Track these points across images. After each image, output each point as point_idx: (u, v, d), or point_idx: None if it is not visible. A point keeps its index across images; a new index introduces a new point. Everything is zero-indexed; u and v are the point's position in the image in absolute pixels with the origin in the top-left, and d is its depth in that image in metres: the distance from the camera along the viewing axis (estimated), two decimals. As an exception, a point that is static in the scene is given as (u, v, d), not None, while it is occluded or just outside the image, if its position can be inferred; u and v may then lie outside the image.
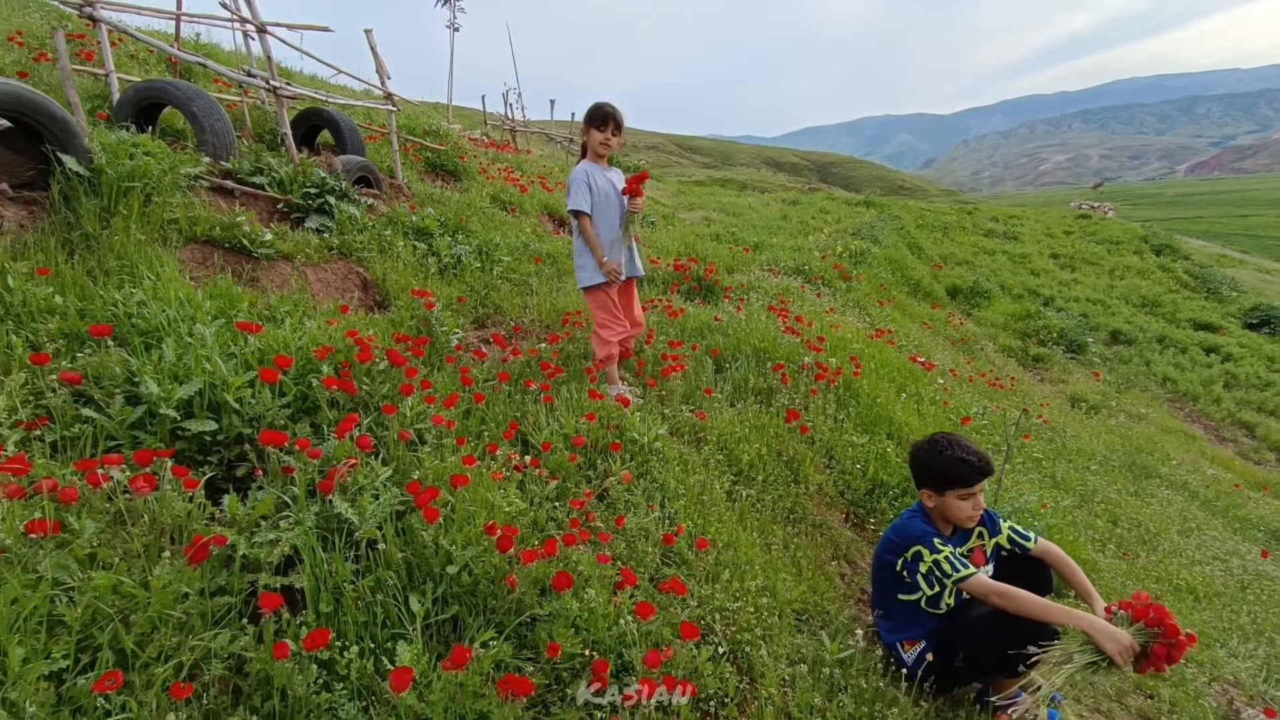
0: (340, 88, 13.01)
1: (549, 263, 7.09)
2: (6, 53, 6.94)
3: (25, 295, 3.09)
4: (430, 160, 9.13)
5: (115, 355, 2.84)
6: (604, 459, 3.45)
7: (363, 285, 5.05)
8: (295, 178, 5.66)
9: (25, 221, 3.65)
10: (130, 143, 4.08)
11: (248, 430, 2.88)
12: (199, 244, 4.33)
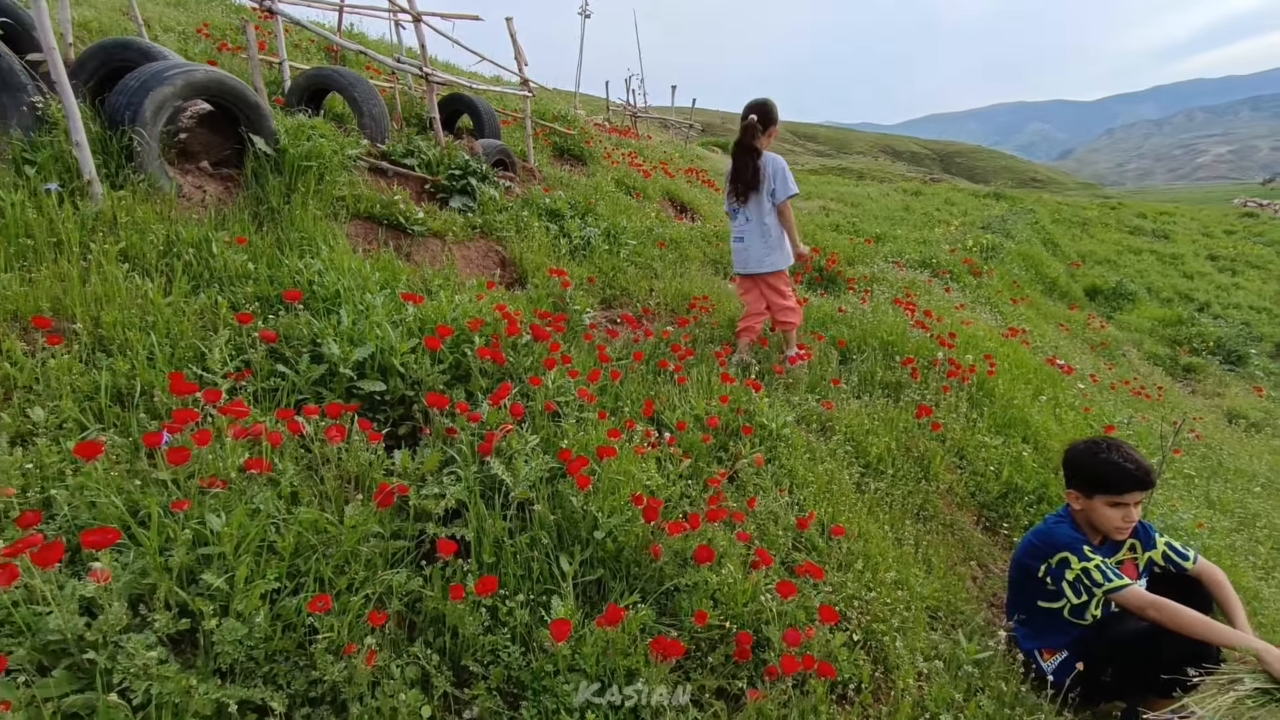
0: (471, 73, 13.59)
1: (672, 247, 7.18)
2: (195, 43, 7.69)
3: (226, 261, 3.46)
4: (558, 145, 9.41)
5: (302, 318, 3.15)
6: (734, 442, 3.51)
7: (501, 263, 5.31)
8: (442, 160, 5.99)
9: (223, 196, 4.08)
10: (309, 126, 4.46)
11: (409, 392, 3.13)
12: (362, 220, 4.70)
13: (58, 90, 3.32)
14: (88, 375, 2.64)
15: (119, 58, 4.52)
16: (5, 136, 3.38)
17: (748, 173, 4.37)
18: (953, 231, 13.16)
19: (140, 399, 2.61)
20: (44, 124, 3.48)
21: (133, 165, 3.60)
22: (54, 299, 2.86)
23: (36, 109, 3.48)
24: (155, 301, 3.05)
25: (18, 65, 3.46)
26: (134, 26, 7.29)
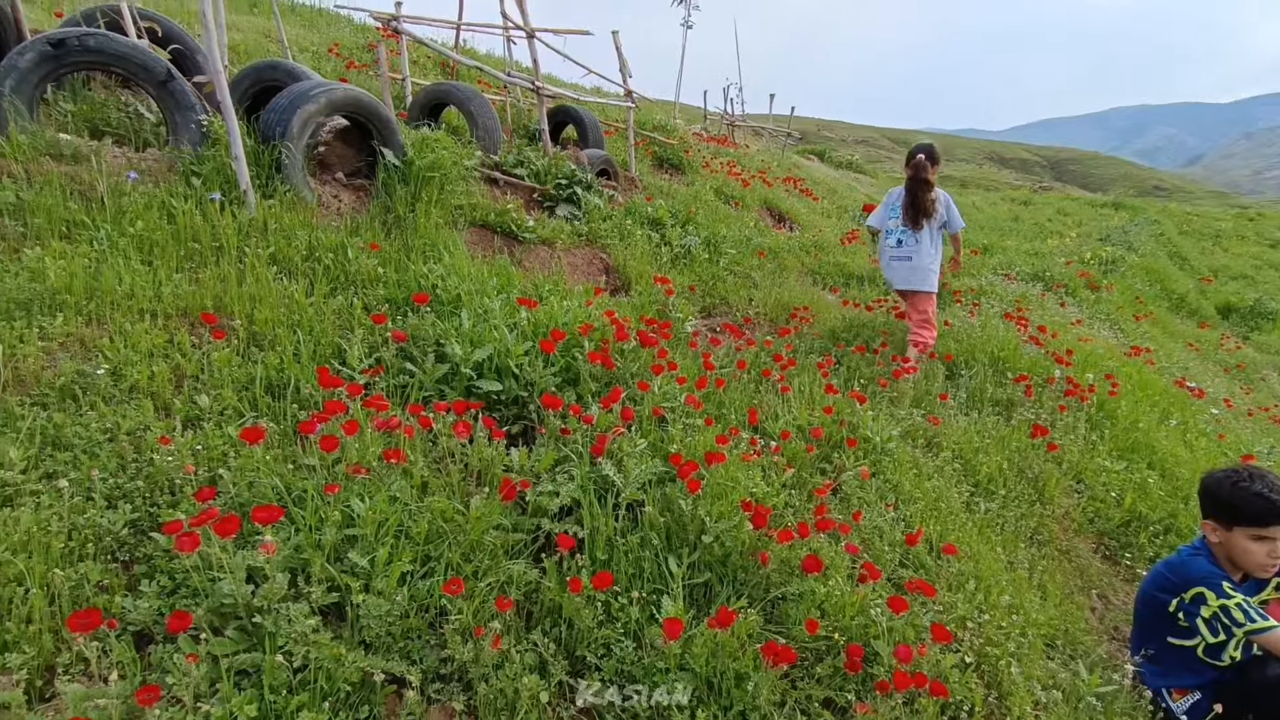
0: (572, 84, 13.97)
1: (771, 257, 7.15)
2: (327, 62, 8.28)
3: (360, 265, 3.73)
4: (658, 154, 9.54)
5: (428, 320, 3.36)
6: (838, 454, 3.48)
7: (605, 270, 5.45)
8: (550, 170, 6.21)
9: (356, 204, 4.39)
10: (433, 139, 4.74)
11: (523, 393, 3.28)
12: (477, 227, 4.94)
13: (221, 109, 3.67)
14: (245, 367, 2.92)
15: (268, 77, 4.95)
16: (177, 151, 3.77)
17: (923, 203, 4.91)
18: (1068, 243, 12.47)
19: (289, 390, 2.86)
20: (208, 139, 3.86)
21: (280, 176, 3.94)
22: (216, 298, 3.17)
23: (202, 126, 3.86)
24: (300, 302, 3.33)
25: (188, 87, 3.85)
26: (276, 48, 7.93)
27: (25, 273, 2.86)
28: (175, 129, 3.87)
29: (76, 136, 3.80)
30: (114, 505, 2.22)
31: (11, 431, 2.33)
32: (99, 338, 2.79)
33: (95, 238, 3.18)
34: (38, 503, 2.12)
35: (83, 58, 3.60)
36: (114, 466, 2.34)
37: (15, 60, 3.42)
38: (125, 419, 2.50)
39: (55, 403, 2.52)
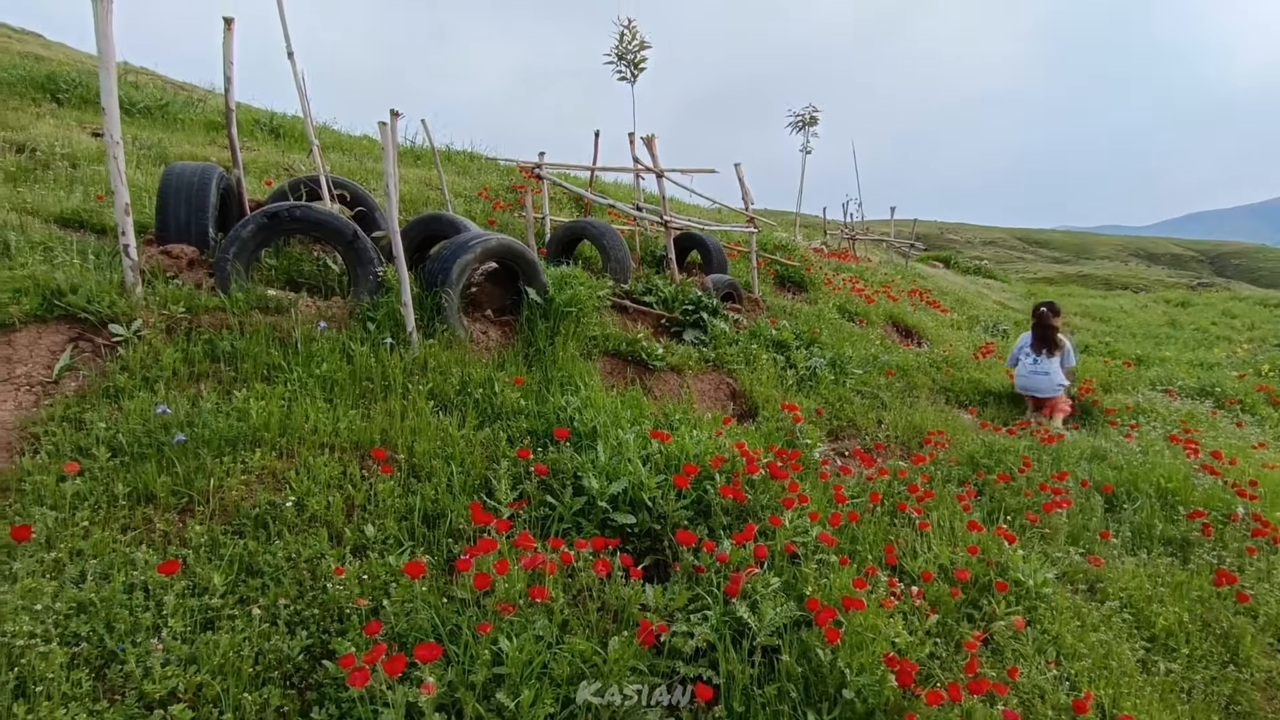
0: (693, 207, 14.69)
1: (899, 375, 7.01)
2: (476, 204, 9.24)
3: (505, 399, 4.03)
4: (780, 273, 9.76)
5: (566, 453, 3.56)
6: (987, 599, 3.27)
7: (732, 394, 5.55)
8: (676, 296, 6.52)
9: (501, 340, 4.80)
10: (571, 275, 5.14)
11: (656, 525, 3.35)
12: (610, 356, 5.23)
13: (395, 262, 4.21)
14: (405, 498, 3.19)
15: (433, 228, 5.61)
16: (357, 300, 4.32)
17: (1051, 343, 6.93)
18: (1240, 352, 11.35)
19: (444, 521, 3.09)
20: (382, 288, 4.40)
21: (440, 317, 4.39)
22: (383, 431, 3.52)
23: (379, 277, 4.41)
24: (453, 435, 3.63)
25: (369, 244, 4.44)
26: (436, 195, 8.97)
27: (234, 413, 3.32)
28: (356, 280, 4.44)
29: (278, 289, 4.45)
30: (293, 631, 2.45)
31: (216, 559, 2.66)
32: (288, 470, 3.16)
33: (289, 379, 3.66)
34: (233, 627, 2.38)
35: (290, 225, 4.27)
36: (294, 593, 2.60)
37: (239, 231, 4.11)
38: (305, 548, 2.79)
39: (250, 531, 2.85)
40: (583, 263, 7.16)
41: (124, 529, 2.74)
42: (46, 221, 5.14)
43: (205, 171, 4.72)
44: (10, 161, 6.28)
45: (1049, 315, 7.04)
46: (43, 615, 2.19)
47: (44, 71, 9.72)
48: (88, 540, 2.60)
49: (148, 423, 3.15)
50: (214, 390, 3.50)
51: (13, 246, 4.29)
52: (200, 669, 2.21)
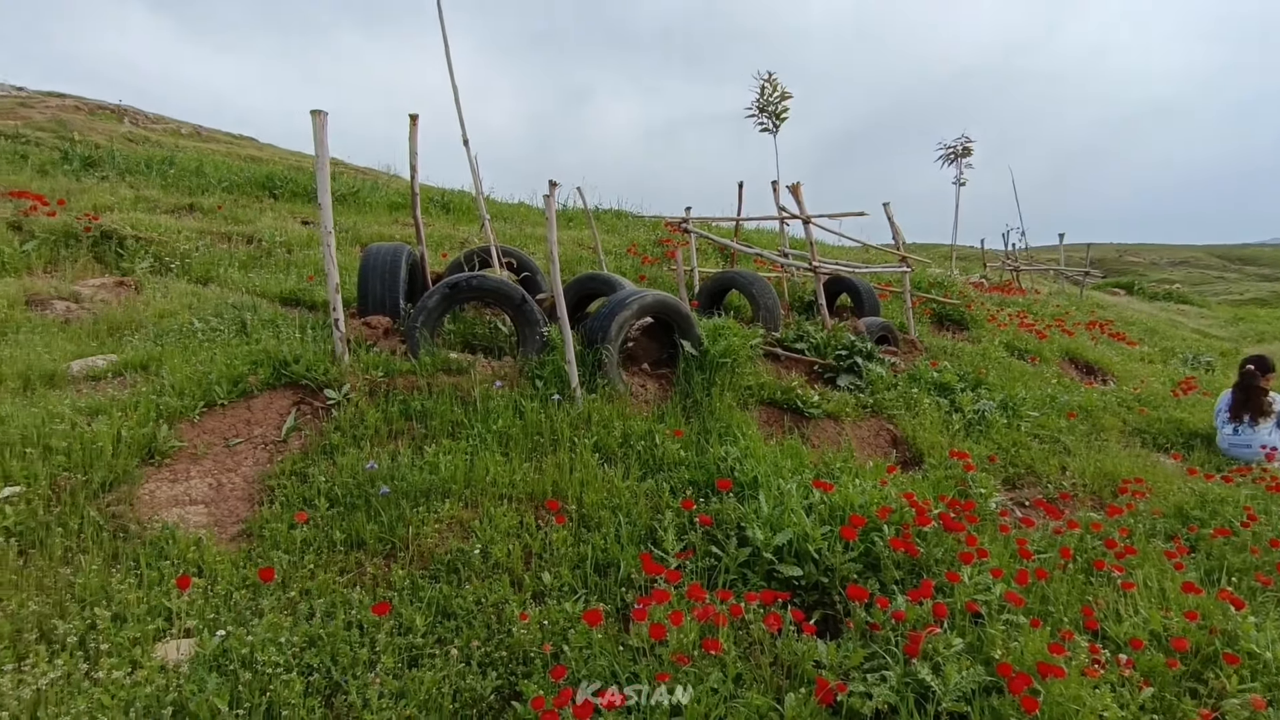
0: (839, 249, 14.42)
1: (1083, 417, 6.43)
2: (625, 259, 9.64)
3: (665, 450, 4.15)
4: (937, 312, 9.33)
5: (728, 503, 3.59)
6: (1212, 672, 2.88)
7: (893, 441, 5.35)
8: (829, 342, 6.42)
9: (659, 392, 4.95)
10: (723, 326, 5.24)
11: (823, 579, 3.29)
12: (765, 405, 5.23)
13: (559, 322, 4.50)
14: (576, 547, 3.35)
15: (588, 286, 5.95)
16: (525, 359, 4.66)
17: (1256, 408, 6.02)
18: None
19: (614, 571, 3.22)
20: (547, 347, 4.71)
21: (601, 373, 4.62)
22: (554, 483, 3.74)
23: (544, 337, 4.74)
24: (618, 486, 3.78)
25: (535, 307, 4.79)
26: (588, 254, 9.49)
27: (426, 466, 3.67)
28: (524, 340, 4.80)
29: (457, 352, 4.89)
30: (485, 672, 2.64)
31: (417, 601, 2.93)
32: (473, 519, 3.43)
33: (470, 434, 3.99)
34: (434, 665, 2.61)
35: (468, 294, 4.71)
36: (484, 635, 2.80)
37: (426, 301, 4.59)
38: (491, 593, 3.01)
39: (444, 576, 3.12)
40: (732, 312, 7.24)
41: (341, 571, 3.09)
42: (272, 301, 6.00)
43: (396, 250, 5.33)
44: (243, 251, 7.41)
45: (1255, 374, 6.14)
46: (284, 648, 2.52)
47: (263, 172, 11.41)
48: (314, 581, 2.96)
49: (357, 476, 3.55)
50: (408, 446, 3.89)
51: (248, 324, 5.05)
52: (409, 703, 2.43)
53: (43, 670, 2.31)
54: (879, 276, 10.09)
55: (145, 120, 16.92)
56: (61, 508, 3.11)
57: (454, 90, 5.75)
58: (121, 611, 2.66)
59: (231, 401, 4.07)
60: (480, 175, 6.02)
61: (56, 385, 4.12)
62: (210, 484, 3.58)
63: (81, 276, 6.25)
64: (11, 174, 9.07)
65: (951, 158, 13.41)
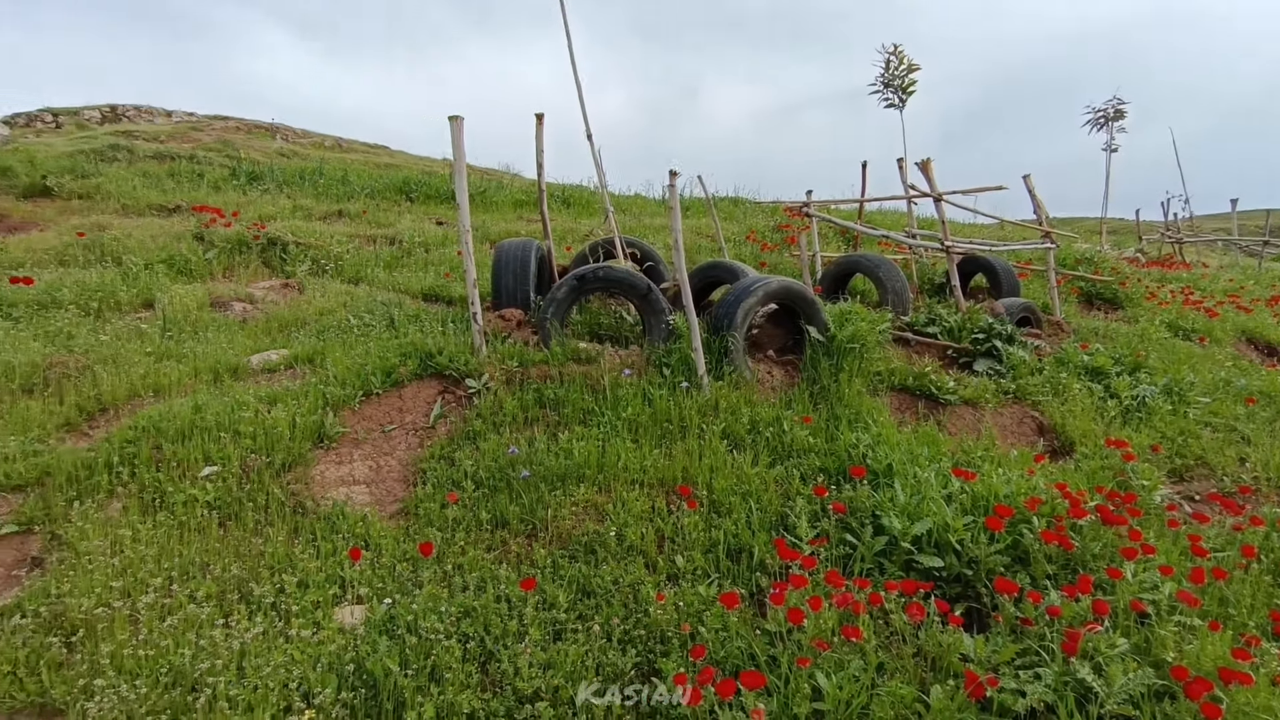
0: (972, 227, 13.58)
1: (1265, 403, 5.75)
2: (744, 246, 9.56)
3: (794, 437, 4.11)
4: (1085, 290, 8.63)
5: (862, 491, 3.51)
6: None
7: (1039, 429, 5.02)
8: (964, 325, 6.10)
9: (785, 379, 4.90)
10: (850, 311, 5.10)
11: (966, 571, 3.15)
12: (896, 391, 5.06)
13: (684, 310, 4.55)
14: (707, 532, 3.39)
15: (710, 274, 5.96)
16: (652, 348, 4.74)
17: None
18: None
19: (745, 556, 3.24)
20: (673, 336, 4.77)
21: (727, 360, 4.63)
22: (684, 469, 3.80)
23: (670, 325, 4.80)
24: (747, 472, 3.79)
25: (660, 296, 4.86)
26: (706, 242, 9.48)
27: (561, 452, 3.83)
28: (650, 329, 4.88)
29: (583, 341, 5.05)
30: (624, 649, 2.74)
31: (558, 579, 3.08)
32: (606, 503, 3.55)
33: (601, 422, 4.12)
34: (577, 639, 2.73)
35: (595, 285, 4.85)
36: (622, 614, 2.90)
37: (555, 293, 4.77)
38: (626, 574, 3.10)
39: (581, 556, 3.25)
40: (858, 297, 7.03)
41: (488, 548, 3.30)
42: (414, 297, 6.43)
43: (525, 246, 5.56)
44: (386, 252, 7.97)
45: None
46: (443, 617, 2.73)
47: (400, 178, 12.19)
48: (465, 556, 3.18)
49: (499, 460, 3.77)
50: (544, 432, 4.07)
51: (396, 320, 5.44)
52: (556, 673, 2.57)
53: (245, 627, 2.63)
54: (1018, 254, 9.45)
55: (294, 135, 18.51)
56: (250, 485, 3.50)
57: (578, 87, 5.91)
58: (304, 578, 2.97)
59: (385, 391, 4.41)
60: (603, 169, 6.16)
61: (239, 377, 4.62)
62: (370, 466, 3.91)
63: (253, 279, 6.96)
64: (192, 191, 10.20)
65: (1101, 122, 12.29)
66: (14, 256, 6.79)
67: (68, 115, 17.36)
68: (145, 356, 4.79)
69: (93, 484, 3.41)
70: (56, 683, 2.45)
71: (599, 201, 11.92)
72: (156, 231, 7.72)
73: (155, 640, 2.55)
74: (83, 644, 2.59)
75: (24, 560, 3.09)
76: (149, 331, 5.31)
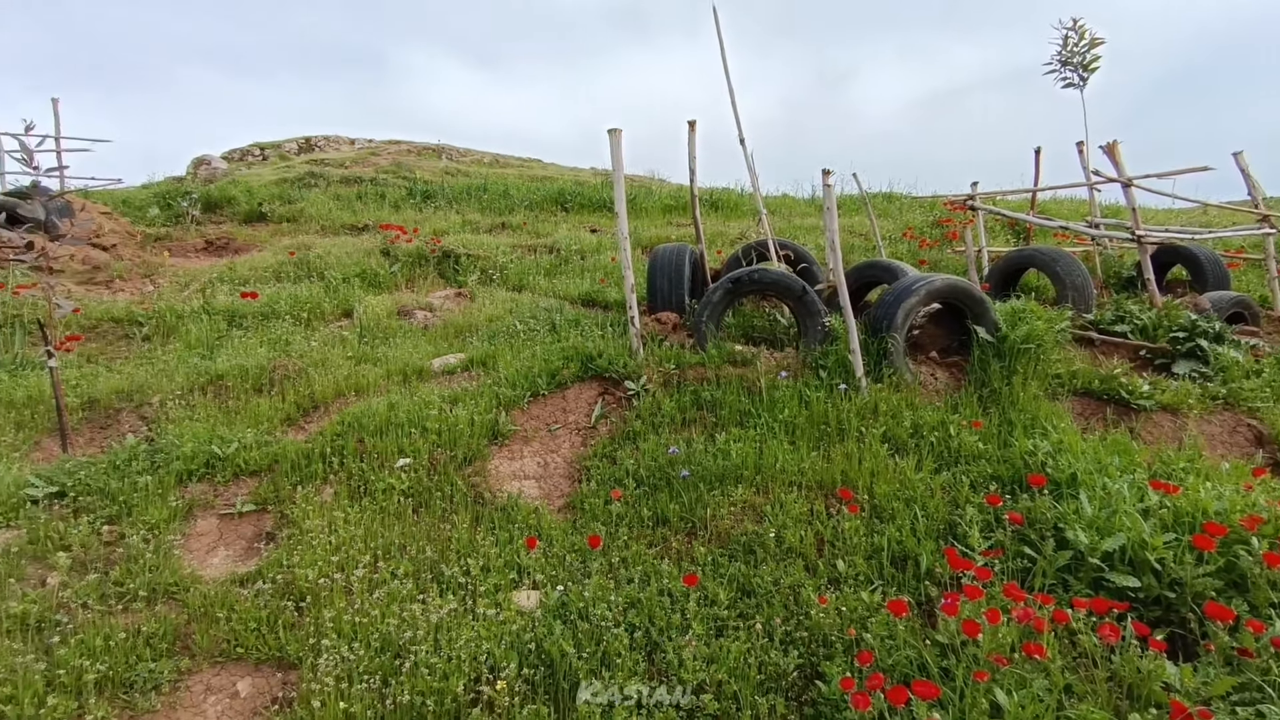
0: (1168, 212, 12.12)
1: None
2: (900, 244, 9.17)
3: (962, 442, 3.91)
4: (1316, 280, 7.45)
5: (1042, 502, 3.29)
6: None
7: (1256, 439, 4.43)
8: (1159, 322, 5.50)
9: (950, 382, 4.67)
10: (1023, 309, 4.77)
11: (1168, 593, 2.86)
12: (1079, 396, 4.66)
13: (841, 311, 4.46)
14: (869, 537, 3.32)
15: (867, 274, 5.79)
16: (807, 350, 4.69)
17: None
18: None
19: (911, 564, 3.14)
20: (829, 337, 4.69)
21: (886, 362, 4.49)
22: (843, 473, 3.73)
23: (825, 327, 4.73)
24: (910, 478, 3.66)
25: (816, 298, 4.80)
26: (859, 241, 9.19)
27: (718, 453, 3.89)
28: (805, 331, 4.83)
29: (738, 344, 5.08)
30: (786, 650, 2.75)
31: (718, 577, 3.14)
32: (764, 504, 3.57)
33: (758, 423, 4.14)
34: (739, 637, 2.78)
35: (749, 288, 4.88)
36: (783, 615, 2.91)
37: (710, 297, 4.85)
38: (786, 575, 3.11)
39: (740, 556, 3.29)
40: (1031, 294, 6.53)
41: (650, 544, 3.42)
42: (573, 302, 6.76)
43: (679, 250, 5.69)
44: (546, 261, 8.43)
45: None
46: (611, 606, 2.88)
47: (555, 189, 12.82)
48: (629, 551, 3.32)
49: (658, 459, 3.89)
50: (701, 433, 4.15)
51: (557, 324, 5.75)
52: (718, 668, 2.63)
53: (438, 604, 2.92)
54: (1227, 242, 8.37)
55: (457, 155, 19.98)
56: (438, 476, 3.86)
57: (730, 93, 5.96)
58: (486, 563, 3.24)
59: (550, 392, 4.68)
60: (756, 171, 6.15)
61: (424, 378, 5.09)
62: (539, 462, 4.17)
63: (432, 289, 7.62)
64: (376, 210, 11.31)
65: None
66: (241, 274, 7.88)
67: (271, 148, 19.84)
68: (347, 360, 5.40)
69: (310, 471, 3.91)
70: (290, 640, 2.85)
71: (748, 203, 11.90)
72: (350, 248, 8.65)
73: (366, 609, 2.90)
74: (310, 609, 2.99)
75: (261, 534, 3.60)
76: (349, 338, 5.97)
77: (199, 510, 3.73)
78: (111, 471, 3.83)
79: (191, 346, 5.84)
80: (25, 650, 2.75)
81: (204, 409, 4.66)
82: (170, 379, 5.03)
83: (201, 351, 5.72)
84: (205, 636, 2.91)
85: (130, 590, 3.10)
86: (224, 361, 5.27)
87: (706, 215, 11.63)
